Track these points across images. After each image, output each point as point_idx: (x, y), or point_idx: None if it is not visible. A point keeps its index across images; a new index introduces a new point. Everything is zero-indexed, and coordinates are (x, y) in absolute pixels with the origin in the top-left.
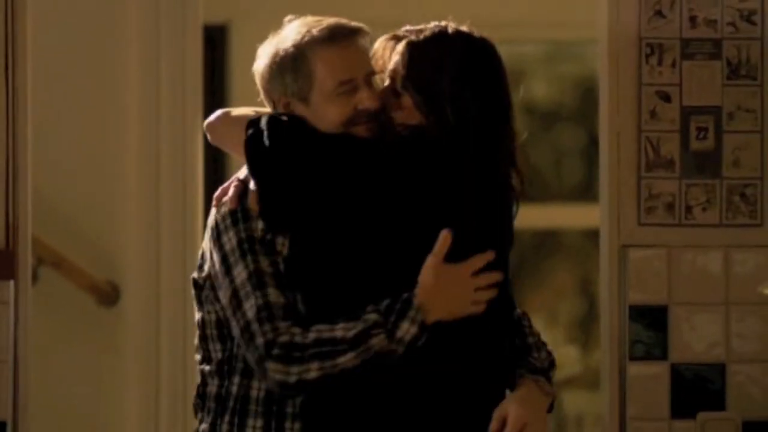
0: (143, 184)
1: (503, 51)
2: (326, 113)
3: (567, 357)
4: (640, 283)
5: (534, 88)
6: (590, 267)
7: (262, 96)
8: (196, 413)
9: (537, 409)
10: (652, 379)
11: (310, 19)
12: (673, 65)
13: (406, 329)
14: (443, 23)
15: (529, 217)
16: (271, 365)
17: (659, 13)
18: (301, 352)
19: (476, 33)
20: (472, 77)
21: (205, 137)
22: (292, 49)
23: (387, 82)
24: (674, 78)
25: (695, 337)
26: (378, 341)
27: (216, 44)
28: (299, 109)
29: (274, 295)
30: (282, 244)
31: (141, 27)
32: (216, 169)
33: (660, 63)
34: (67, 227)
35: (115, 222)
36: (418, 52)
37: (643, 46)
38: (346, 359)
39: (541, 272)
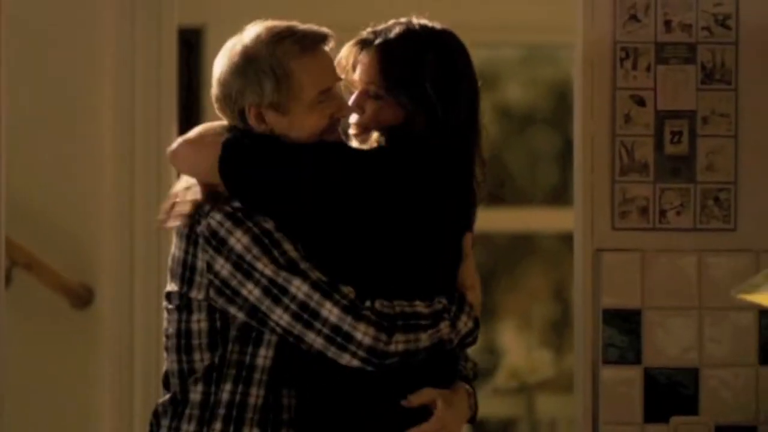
0: (118, 186)
1: (479, 54)
2: (304, 123)
3: (541, 360)
4: (613, 287)
5: (509, 92)
6: (565, 271)
7: (217, 105)
8: (158, 419)
9: (459, 418)
10: (625, 383)
11: (277, 24)
12: (648, 69)
13: (465, 322)
14: (404, 19)
15: (504, 220)
16: (362, 327)
17: (634, 18)
18: (389, 322)
19: (438, 25)
20: (449, 69)
21: None
22: (270, 57)
23: (359, 88)
24: (649, 82)
25: (669, 342)
26: (444, 327)
27: (191, 47)
28: (272, 118)
29: (318, 275)
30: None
31: (116, 29)
32: None
33: (635, 67)
34: (40, 229)
35: (88, 224)
36: (392, 51)
37: (618, 50)
38: (425, 336)
39: (516, 276)
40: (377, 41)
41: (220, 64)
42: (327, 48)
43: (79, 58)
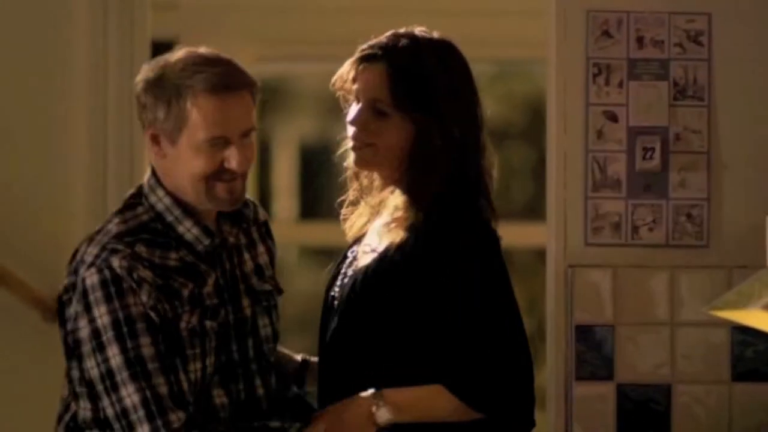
0: (90, 198)
1: None
2: (190, 162)
3: None
4: (586, 303)
5: (483, 107)
6: (538, 286)
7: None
8: None
9: None
10: (597, 399)
11: (206, 54)
12: (620, 85)
13: None
14: (404, 31)
15: None
16: None
17: (607, 34)
18: None
19: (436, 35)
20: (460, 82)
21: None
22: (174, 85)
23: (361, 106)
24: (621, 98)
25: (641, 358)
26: None
27: None
28: (165, 144)
29: (160, 384)
30: (187, 287)
31: (89, 41)
32: None
33: (607, 83)
34: (11, 240)
35: (60, 234)
36: (401, 66)
37: (591, 66)
38: None
39: None
40: (383, 56)
41: (141, 79)
42: (246, 97)
43: (51, 71)
